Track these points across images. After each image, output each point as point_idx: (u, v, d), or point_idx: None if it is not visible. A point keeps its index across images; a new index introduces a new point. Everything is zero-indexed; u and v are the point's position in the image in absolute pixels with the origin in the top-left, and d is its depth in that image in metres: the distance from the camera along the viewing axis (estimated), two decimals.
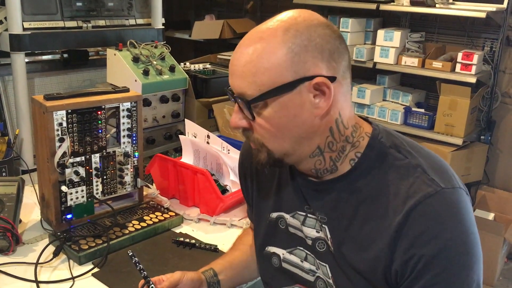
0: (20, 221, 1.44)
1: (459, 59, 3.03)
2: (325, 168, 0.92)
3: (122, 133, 1.46)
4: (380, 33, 3.31)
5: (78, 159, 1.37)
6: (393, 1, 3.27)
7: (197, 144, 1.70)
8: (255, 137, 0.90)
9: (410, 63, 3.22)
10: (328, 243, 0.95)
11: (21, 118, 1.78)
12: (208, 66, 2.48)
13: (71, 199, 1.38)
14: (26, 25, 1.78)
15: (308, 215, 0.98)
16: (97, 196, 1.44)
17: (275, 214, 1.05)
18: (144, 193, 1.60)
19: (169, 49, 2.06)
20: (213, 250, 1.38)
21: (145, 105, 1.93)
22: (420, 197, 0.83)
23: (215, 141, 1.69)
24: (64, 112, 1.31)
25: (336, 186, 0.93)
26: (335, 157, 0.91)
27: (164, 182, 1.68)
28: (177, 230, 1.49)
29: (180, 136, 1.77)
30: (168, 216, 1.51)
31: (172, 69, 1.98)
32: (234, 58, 0.87)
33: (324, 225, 0.95)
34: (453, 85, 3.06)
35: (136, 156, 1.51)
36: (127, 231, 1.40)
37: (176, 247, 1.39)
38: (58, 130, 1.31)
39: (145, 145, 1.94)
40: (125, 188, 1.51)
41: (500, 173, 3.39)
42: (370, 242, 0.88)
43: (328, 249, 0.95)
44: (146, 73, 1.88)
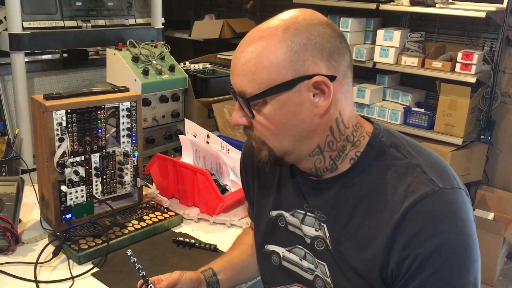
0: (20, 221, 1.43)
1: (459, 59, 3.02)
2: (325, 167, 0.92)
3: (122, 133, 1.46)
4: (380, 33, 3.31)
5: (78, 159, 1.37)
6: (393, 1, 3.26)
7: (197, 144, 1.70)
8: (256, 135, 0.91)
9: (410, 63, 3.22)
10: (327, 242, 0.95)
11: (21, 118, 1.78)
12: (208, 66, 2.48)
13: (71, 199, 1.38)
14: (26, 25, 1.77)
15: (307, 214, 0.98)
16: (97, 196, 1.44)
17: (275, 212, 1.05)
18: (144, 193, 1.60)
19: (169, 49, 2.06)
20: (213, 250, 1.38)
21: (145, 105, 1.93)
22: (418, 197, 0.83)
23: (215, 141, 1.69)
24: (64, 112, 1.31)
25: (335, 185, 0.93)
26: (335, 156, 0.91)
27: (164, 182, 1.68)
28: (177, 230, 1.49)
29: (180, 136, 1.77)
30: (168, 216, 1.50)
31: (172, 69, 1.98)
32: (235, 57, 0.88)
33: (323, 224, 0.95)
34: (453, 85, 3.06)
35: (136, 156, 1.51)
36: (127, 231, 1.40)
37: (176, 247, 1.39)
38: (58, 130, 1.31)
39: (145, 145, 1.94)
40: (125, 188, 1.51)
41: (500, 173, 3.39)
42: (368, 241, 0.88)
43: (327, 248, 0.95)
44: (146, 73, 1.88)
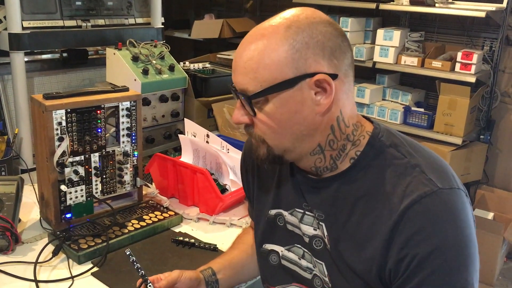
0: (20, 220, 1.43)
1: (459, 59, 3.03)
2: (325, 166, 0.93)
3: (122, 132, 1.46)
4: (380, 33, 3.31)
5: (78, 158, 1.37)
6: (393, 1, 3.27)
7: (197, 144, 1.70)
8: (256, 133, 0.91)
9: (410, 63, 3.22)
10: (325, 241, 0.95)
11: (21, 117, 1.78)
12: (208, 66, 2.48)
13: (71, 199, 1.38)
14: (26, 24, 1.77)
15: (306, 213, 0.98)
16: (97, 196, 1.44)
17: (274, 211, 1.05)
18: (144, 193, 1.60)
19: (169, 49, 2.06)
20: (213, 250, 1.38)
21: (145, 105, 1.92)
22: (416, 197, 0.83)
23: (215, 141, 1.69)
24: (64, 111, 1.31)
25: (334, 184, 0.93)
26: (336, 156, 0.91)
27: (164, 182, 1.68)
28: (177, 230, 1.49)
29: (180, 136, 1.77)
30: (168, 216, 1.50)
31: (172, 69, 1.98)
32: (237, 55, 0.88)
33: (321, 223, 0.95)
34: (453, 85, 3.06)
35: (136, 156, 1.51)
36: (127, 231, 1.40)
37: (176, 247, 1.39)
38: (58, 129, 1.31)
39: (145, 145, 1.94)
40: (125, 188, 1.51)
41: (500, 173, 3.39)
42: (367, 240, 0.88)
43: (325, 247, 0.95)
44: (146, 72, 1.88)
